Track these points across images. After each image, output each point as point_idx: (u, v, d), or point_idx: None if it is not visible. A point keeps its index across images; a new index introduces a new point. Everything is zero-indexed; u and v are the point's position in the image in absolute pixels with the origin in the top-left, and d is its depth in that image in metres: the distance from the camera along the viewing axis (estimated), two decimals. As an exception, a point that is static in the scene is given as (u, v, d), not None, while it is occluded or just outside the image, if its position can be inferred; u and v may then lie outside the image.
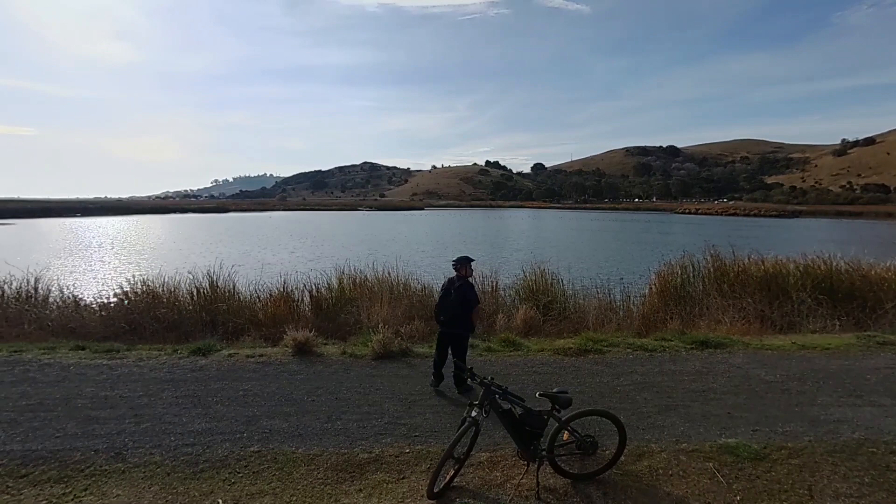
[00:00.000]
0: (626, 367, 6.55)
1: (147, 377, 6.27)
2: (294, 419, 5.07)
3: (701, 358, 6.85)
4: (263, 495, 3.81)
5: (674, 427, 4.81)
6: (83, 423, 4.97)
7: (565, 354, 7.06)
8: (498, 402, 3.90)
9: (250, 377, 6.29)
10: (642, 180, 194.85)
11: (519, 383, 5.98)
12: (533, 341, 7.79)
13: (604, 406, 5.19)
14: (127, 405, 5.41)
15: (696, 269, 11.79)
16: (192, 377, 6.29)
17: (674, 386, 5.84)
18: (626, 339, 7.66)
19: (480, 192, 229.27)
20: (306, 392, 5.79)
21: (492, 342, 7.66)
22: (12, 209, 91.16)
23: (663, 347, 7.25)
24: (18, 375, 6.33)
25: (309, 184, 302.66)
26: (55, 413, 5.21)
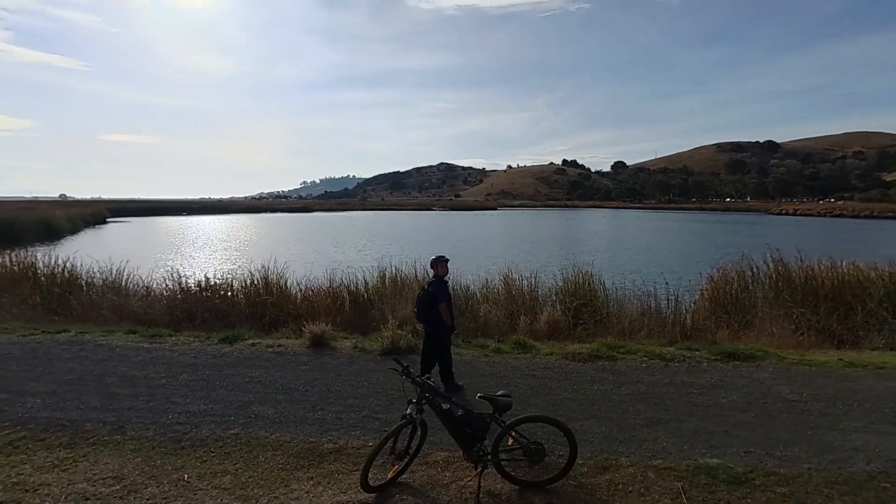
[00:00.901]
0: (633, 375, 6.16)
1: (173, 361, 6.90)
2: (282, 406, 5.35)
3: (722, 370, 6.27)
4: (225, 474, 4.07)
5: (655, 441, 4.47)
6: (105, 398, 5.59)
7: (574, 359, 6.78)
8: (437, 401, 3.86)
9: (261, 365, 6.70)
10: (735, 178, 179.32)
11: (512, 386, 5.86)
12: (548, 345, 7.55)
13: (589, 415, 4.98)
14: (146, 385, 6.00)
15: (754, 275, 10.77)
16: (210, 363, 6.82)
17: (676, 398, 5.41)
18: (647, 347, 7.20)
19: (556, 192, 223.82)
20: (304, 382, 6.07)
21: (504, 344, 7.54)
22: (131, 209, 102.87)
23: (684, 357, 6.73)
24: (73, 353, 7.23)
25: (388, 184, 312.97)
26: (87, 388, 5.90)
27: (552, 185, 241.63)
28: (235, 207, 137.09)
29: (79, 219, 56.29)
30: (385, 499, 3.70)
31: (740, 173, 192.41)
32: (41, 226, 45.07)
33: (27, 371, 6.49)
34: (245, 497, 3.75)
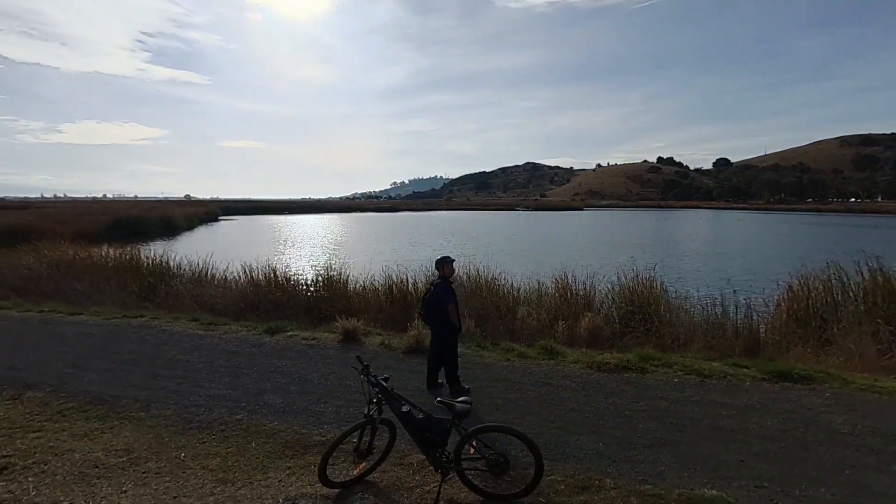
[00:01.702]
0: (658, 390, 5.62)
1: (217, 347, 7.48)
2: (291, 397, 5.58)
3: (765, 391, 5.51)
4: (216, 457, 4.34)
5: (654, 464, 4.05)
6: (146, 378, 6.21)
7: (599, 369, 6.35)
8: (395, 403, 3.80)
9: (290, 356, 7.05)
10: (863, 176, 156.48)
11: (521, 393, 5.65)
12: (578, 352, 7.14)
13: (591, 429, 4.64)
14: (184, 368, 6.57)
15: (844, 286, 9.34)
16: (247, 351, 7.31)
17: (698, 419, 4.85)
18: (688, 361, 6.55)
19: (649, 192, 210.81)
20: (320, 375, 6.29)
21: (532, 349, 7.26)
22: (240, 208, 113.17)
23: (726, 374, 6.02)
24: (139, 337, 8.11)
25: (473, 184, 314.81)
26: (136, 368, 6.59)
27: (645, 185, 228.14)
28: (330, 207, 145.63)
29: (194, 217, 63.01)
30: (346, 495, 3.72)
31: (869, 170, 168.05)
32: (163, 223, 50.95)
33: (97, 350, 7.39)
34: (224, 480, 3.96)
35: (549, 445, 4.40)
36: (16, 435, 4.76)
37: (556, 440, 4.51)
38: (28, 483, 3.94)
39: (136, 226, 46.38)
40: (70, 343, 7.74)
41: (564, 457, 4.22)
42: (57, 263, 14.92)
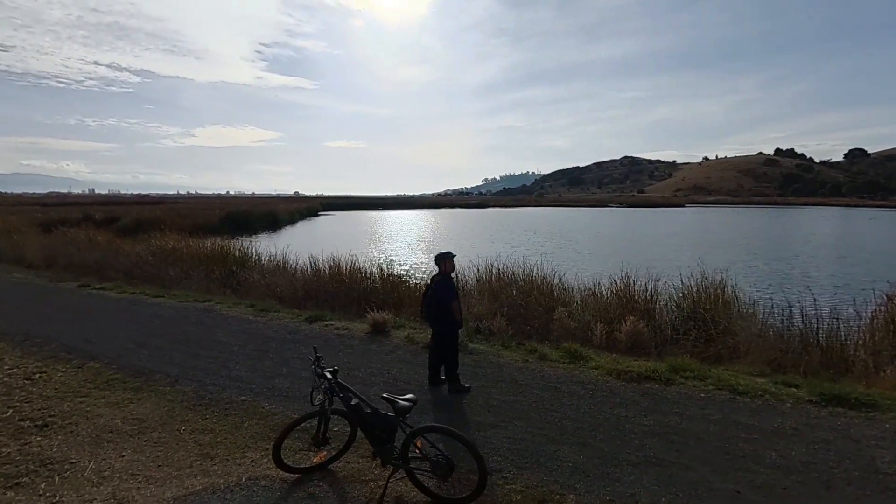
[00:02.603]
0: (676, 405, 5.06)
1: (257, 333, 8.01)
2: (299, 383, 5.83)
3: (807, 416, 4.72)
4: (210, 433, 4.66)
5: (630, 485, 3.65)
6: (186, 357, 6.82)
7: (619, 377, 5.86)
8: (347, 396, 3.77)
9: (316, 344, 7.32)
10: None
11: (521, 396, 5.42)
12: (606, 357, 6.66)
13: (577, 440, 4.31)
14: (221, 349, 7.12)
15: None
16: (282, 337, 7.74)
17: (707, 441, 4.29)
18: (725, 374, 5.82)
19: (764, 187, 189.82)
20: (336, 364, 6.42)
21: (556, 351, 6.89)
22: (339, 204, 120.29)
23: (765, 392, 5.25)
24: (198, 319, 8.94)
25: (566, 180, 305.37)
26: (183, 347, 7.26)
27: (759, 179, 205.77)
28: (421, 203, 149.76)
29: (296, 212, 68.00)
30: (304, 481, 3.81)
31: None
32: (268, 217, 55.53)
33: (158, 329, 8.27)
34: (207, 455, 4.24)
35: (526, 453, 4.16)
36: (66, 398, 5.48)
37: (535, 448, 4.24)
38: (56, 440, 4.51)
39: (244, 220, 51.06)
40: (141, 322, 8.74)
41: (535, 466, 3.96)
42: (160, 251, 16.85)
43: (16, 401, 5.42)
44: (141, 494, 3.65)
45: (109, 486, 3.75)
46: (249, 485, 3.76)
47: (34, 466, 4.06)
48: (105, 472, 3.97)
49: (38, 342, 7.46)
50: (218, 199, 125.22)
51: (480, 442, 4.37)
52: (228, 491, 3.68)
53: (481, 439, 4.43)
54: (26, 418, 4.98)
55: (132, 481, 3.83)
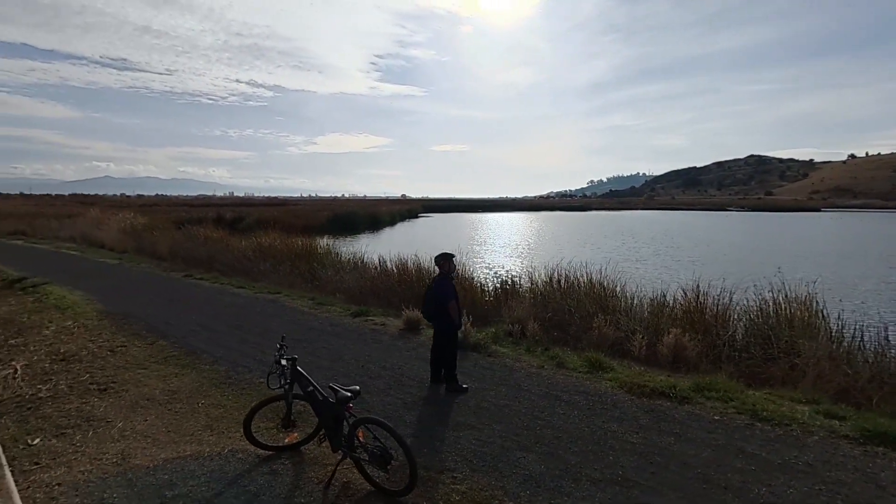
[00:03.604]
0: (678, 425, 4.64)
1: (304, 323, 8.68)
2: (317, 371, 6.22)
3: (832, 452, 4.05)
4: (221, 408, 5.22)
5: (576, 501, 3.44)
6: (234, 341, 7.62)
7: (630, 391, 5.49)
8: (303, 382, 3.99)
9: (349, 337, 7.80)
10: None
11: (511, 399, 5.29)
12: (629, 370, 6.25)
13: (547, 451, 4.20)
14: (266, 337, 7.84)
15: None
16: (322, 328, 8.32)
17: (693, 465, 3.89)
18: (754, 398, 5.17)
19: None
20: (355, 356, 6.86)
21: (577, 358, 6.59)
22: (441, 206, 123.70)
23: (793, 422, 4.60)
24: (260, 309, 9.89)
25: (680, 181, 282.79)
26: (237, 332, 8.11)
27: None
28: (521, 206, 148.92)
29: (397, 214, 71.28)
30: (273, 458, 4.16)
31: None
32: (370, 219, 58.89)
33: (226, 316, 9.31)
34: (210, 427, 4.79)
35: (488, 457, 4.11)
36: (130, 369, 6.46)
37: (500, 453, 4.17)
38: (106, 402, 5.37)
39: (348, 221, 54.68)
40: (215, 309, 9.91)
41: (491, 470, 3.90)
42: (259, 248, 18.74)
43: (95, 368, 6.51)
44: (142, 453, 4.24)
45: (123, 444, 4.41)
46: (228, 456, 4.19)
47: (80, 421, 4.89)
48: (126, 432, 4.66)
49: (132, 321, 8.81)
50: (332, 200, 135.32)
51: (450, 442, 4.40)
52: (209, 459, 4.14)
53: (453, 439, 4.45)
54: (95, 382, 5.97)
55: (142, 442, 4.46)
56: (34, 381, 5.97)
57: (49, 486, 3.72)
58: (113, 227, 27.72)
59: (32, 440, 4.48)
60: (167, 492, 3.65)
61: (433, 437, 4.51)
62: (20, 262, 16.78)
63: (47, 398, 5.49)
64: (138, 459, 4.14)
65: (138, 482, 3.78)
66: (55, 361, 6.75)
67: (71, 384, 5.91)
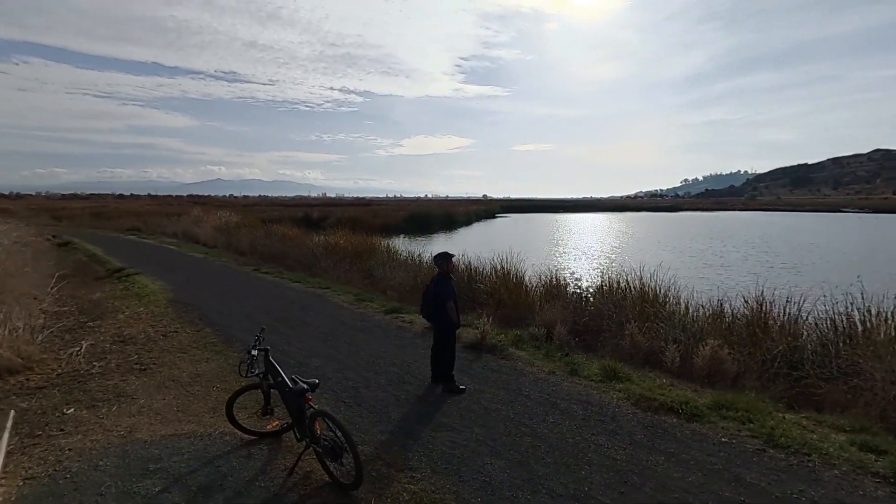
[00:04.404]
0: (676, 444, 4.24)
1: (339, 318, 9.03)
2: (330, 364, 6.46)
3: (852, 491, 3.46)
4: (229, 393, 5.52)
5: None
6: (270, 332, 8.07)
7: (637, 405, 5.10)
8: (274, 371, 4.12)
9: (375, 333, 7.99)
10: None
11: (508, 406, 5.16)
12: (647, 382, 5.78)
13: (518, 459, 4.08)
14: (300, 329, 8.25)
15: None
16: (353, 324, 8.60)
17: (672, 489, 3.55)
18: (783, 421, 4.54)
19: None
20: (372, 351, 7.02)
21: (592, 366, 6.22)
22: (520, 206, 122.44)
23: (815, 451, 4.00)
24: (306, 303, 10.41)
25: (787, 180, 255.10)
26: (276, 323, 8.60)
27: None
28: (604, 206, 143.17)
29: (473, 214, 71.59)
30: (255, 443, 4.39)
31: None
32: (445, 218, 59.68)
33: (273, 308, 9.91)
34: (214, 410, 5.14)
35: (454, 460, 4.03)
36: (172, 352, 7.11)
37: (468, 457, 4.06)
38: (140, 381, 5.97)
39: (424, 221, 55.83)
40: (266, 301, 10.59)
41: (451, 473, 3.83)
42: (326, 246, 19.74)
43: (144, 350, 7.25)
44: (148, 429, 4.67)
45: (136, 419, 4.88)
46: (216, 437, 4.49)
47: (111, 396, 5.48)
48: (144, 409, 5.15)
49: (191, 309, 9.69)
50: (413, 201, 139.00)
51: (424, 441, 4.37)
52: (199, 438, 4.46)
53: (427, 439, 4.41)
54: (139, 363, 6.65)
55: (152, 418, 4.91)
56: (92, 359, 6.78)
57: (61, 451, 4.22)
58: (209, 224, 30.48)
59: (67, 409, 5.10)
60: (151, 465, 3.98)
61: (409, 435, 4.50)
62: (126, 254, 19.04)
63: (96, 374, 6.22)
64: (141, 434, 4.56)
65: (131, 454, 4.17)
66: (115, 342, 7.60)
67: (119, 363, 6.63)
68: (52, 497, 3.55)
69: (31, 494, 3.59)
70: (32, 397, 5.43)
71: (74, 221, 41.94)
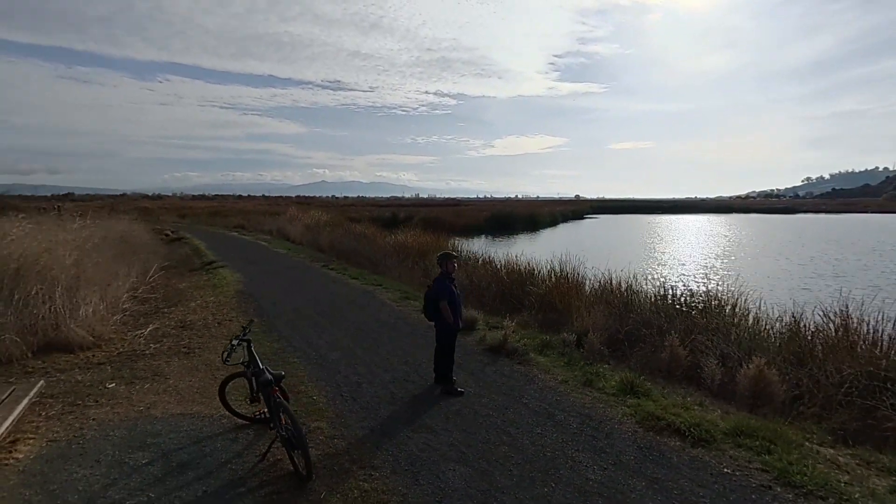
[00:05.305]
0: (667, 471, 3.82)
1: (377, 315, 9.28)
2: (347, 358, 6.66)
3: None
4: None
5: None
6: (308, 324, 8.53)
7: (643, 423, 4.68)
8: (255, 361, 4.28)
9: (403, 331, 8.14)
10: None
11: (501, 413, 4.97)
12: (667, 399, 5.25)
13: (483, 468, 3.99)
14: (339, 323, 8.60)
15: None
16: (388, 322, 8.79)
17: None
18: (816, 455, 3.89)
19: None
20: (392, 349, 7.15)
21: (610, 379, 5.77)
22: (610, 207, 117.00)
23: (840, 493, 3.35)
24: (354, 300, 10.82)
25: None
26: (318, 317, 9.05)
27: None
28: (709, 207, 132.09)
29: (559, 214, 69.66)
30: (244, 427, 4.65)
31: None
32: (528, 219, 58.69)
33: (320, 301, 10.42)
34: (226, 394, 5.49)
35: (419, 463, 3.97)
36: (218, 339, 7.75)
37: (435, 460, 3.99)
38: (179, 363, 6.58)
39: (506, 221, 55.38)
40: (319, 295, 11.16)
41: (407, 475, 3.79)
42: (395, 244, 20.36)
43: (196, 335, 7.99)
44: (163, 407, 5.14)
45: (158, 397, 5.39)
46: (214, 419, 4.83)
47: (150, 375, 6.10)
48: (170, 388, 5.67)
49: (251, 300, 10.51)
50: (501, 201, 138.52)
51: (399, 441, 4.35)
52: (199, 419, 4.83)
53: (403, 439, 4.38)
54: (187, 347, 7.35)
55: (172, 397, 5.39)
56: (151, 341, 7.61)
57: (87, 420, 4.79)
58: (300, 223, 32.75)
59: (109, 384, 5.77)
60: (150, 439, 4.39)
61: (387, 433, 4.50)
62: (222, 249, 21.06)
63: (148, 355, 6.97)
64: (156, 411, 5.03)
65: (139, 428, 4.61)
66: (176, 327, 8.46)
67: (171, 346, 7.37)
68: (61, 459, 4.04)
69: (48, 454, 4.12)
70: (89, 371, 6.22)
71: (194, 219, 47.28)
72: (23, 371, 6.11)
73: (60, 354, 6.75)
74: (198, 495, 3.57)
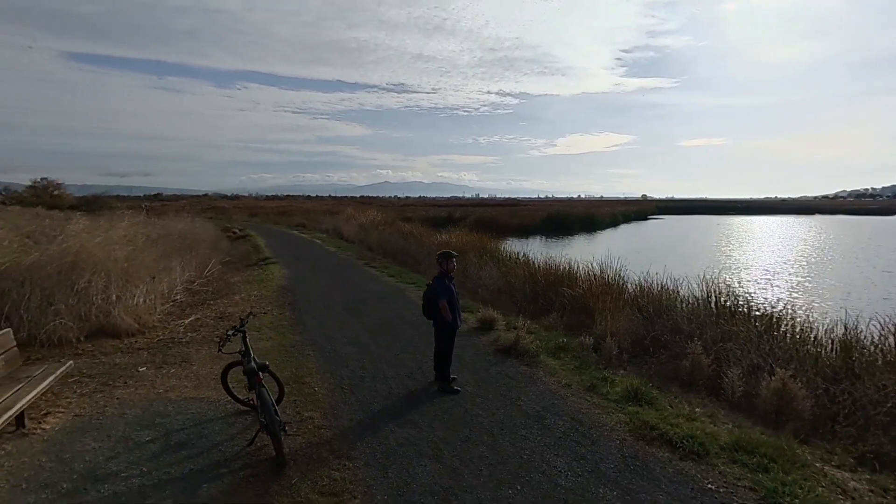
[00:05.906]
0: (645, 482, 3.67)
1: (401, 313, 9.45)
2: (357, 352, 6.88)
3: None
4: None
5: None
6: (334, 321, 8.83)
7: (636, 431, 4.50)
8: (249, 355, 4.49)
9: (421, 329, 8.11)
10: None
11: (492, 413, 4.95)
12: (676, 408, 5.00)
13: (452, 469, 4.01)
14: (363, 320, 8.85)
15: None
16: (410, 319, 8.92)
17: None
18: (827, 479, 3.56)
19: None
20: (405, 345, 7.29)
21: (617, 385, 5.55)
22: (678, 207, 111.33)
23: None
24: (384, 296, 11.08)
25: None
26: (345, 314, 9.35)
27: None
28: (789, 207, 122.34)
29: (620, 215, 67.16)
30: (243, 412, 4.92)
31: None
32: (586, 220, 57.07)
33: (353, 298, 10.74)
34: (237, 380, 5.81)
35: (394, 457, 4.06)
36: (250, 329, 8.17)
37: (407, 455, 4.06)
38: (207, 351, 7.06)
39: (562, 222, 54.18)
40: (352, 292, 11.51)
41: (378, 467, 3.90)
42: (439, 244, 20.52)
43: (230, 326, 8.49)
44: (179, 390, 5.55)
45: (178, 382, 5.82)
46: (219, 404, 5.15)
47: (179, 361, 6.60)
48: (191, 374, 6.11)
49: (289, 295, 11.03)
50: (561, 201, 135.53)
51: (381, 435, 4.45)
52: (205, 403, 5.17)
53: (385, 433, 4.48)
54: (218, 336, 7.85)
55: (190, 382, 5.81)
56: (189, 330, 8.20)
57: (112, 399, 5.27)
58: (356, 222, 33.81)
59: (140, 368, 6.30)
60: (158, 419, 4.76)
61: (372, 427, 4.61)
62: (279, 246, 22.19)
63: (184, 342, 7.53)
64: (172, 394, 5.44)
65: (152, 409, 5.02)
66: (216, 318, 9.06)
67: (205, 335, 7.91)
68: (80, 432, 4.49)
69: (71, 427, 4.60)
70: (128, 355, 6.83)
71: (263, 218, 50.10)
72: (73, 353, 6.80)
73: (108, 339, 7.45)
74: (184, 472, 3.84)
